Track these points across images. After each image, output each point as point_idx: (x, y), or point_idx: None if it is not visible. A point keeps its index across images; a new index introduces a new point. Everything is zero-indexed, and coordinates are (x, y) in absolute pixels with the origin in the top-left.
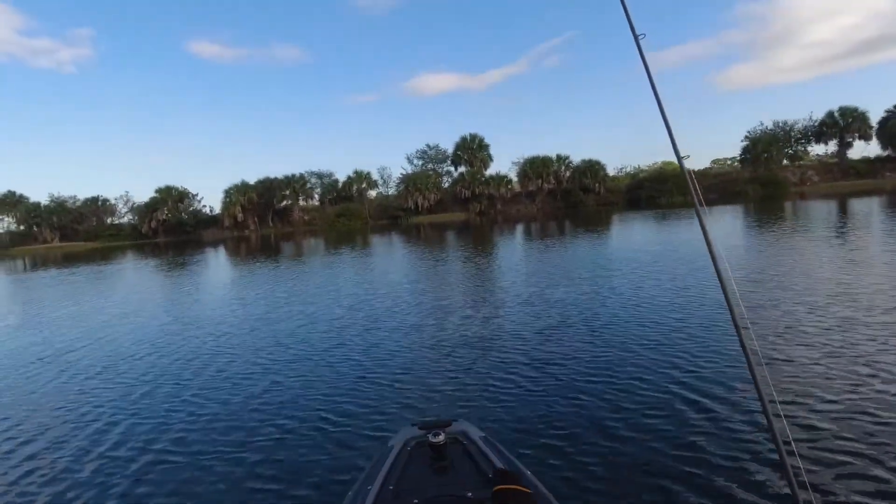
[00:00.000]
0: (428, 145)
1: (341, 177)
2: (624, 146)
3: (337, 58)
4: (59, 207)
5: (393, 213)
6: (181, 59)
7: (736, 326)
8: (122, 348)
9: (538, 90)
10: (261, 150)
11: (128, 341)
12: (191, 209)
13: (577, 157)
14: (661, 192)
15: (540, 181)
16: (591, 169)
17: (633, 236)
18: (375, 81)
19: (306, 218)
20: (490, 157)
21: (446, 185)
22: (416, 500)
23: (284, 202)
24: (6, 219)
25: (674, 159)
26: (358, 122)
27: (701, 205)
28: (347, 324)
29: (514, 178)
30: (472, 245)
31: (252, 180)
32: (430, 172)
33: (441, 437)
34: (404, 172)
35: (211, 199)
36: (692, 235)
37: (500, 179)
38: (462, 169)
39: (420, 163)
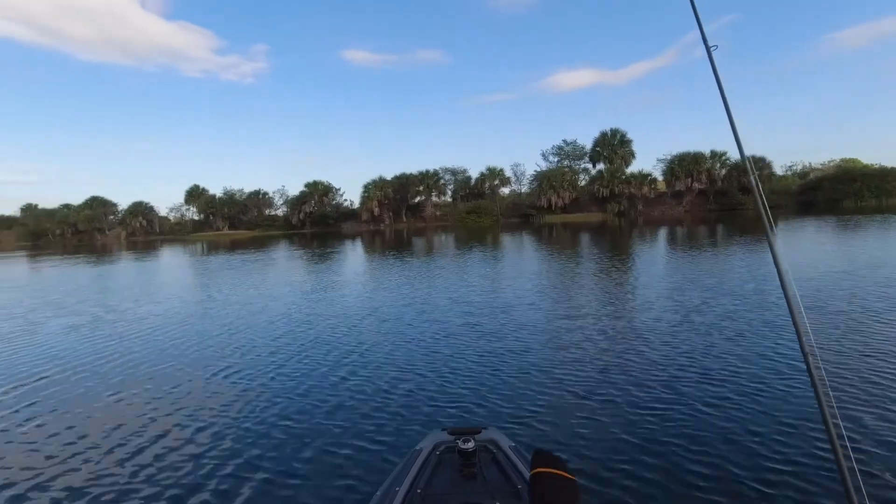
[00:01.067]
0: (565, 141)
1: (474, 173)
2: (789, 142)
3: (474, 58)
4: (229, 200)
5: (525, 212)
6: (336, 66)
7: None
8: (268, 324)
9: (687, 82)
10: (399, 148)
11: (275, 318)
12: (334, 202)
13: (734, 155)
14: (845, 193)
15: (689, 180)
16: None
17: (822, 249)
18: (511, 80)
19: (438, 214)
20: (632, 154)
21: (582, 183)
22: None
23: (418, 198)
24: (191, 208)
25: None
26: (492, 121)
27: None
28: (477, 321)
29: (659, 177)
30: (609, 249)
31: (389, 176)
32: (566, 169)
33: (471, 444)
34: (538, 169)
35: (352, 194)
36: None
37: (643, 178)
38: (601, 166)
39: (556, 159)
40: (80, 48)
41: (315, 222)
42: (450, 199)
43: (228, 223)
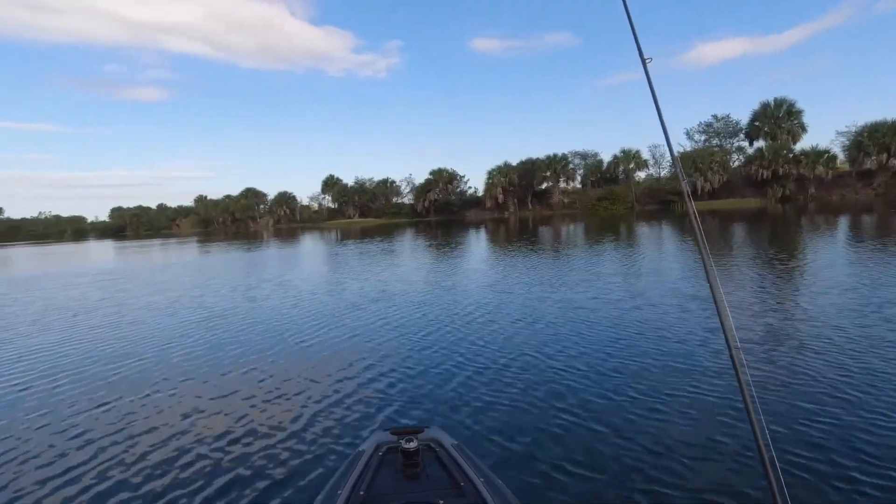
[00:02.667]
0: (715, 116)
1: (606, 157)
2: None
3: (604, 38)
4: (360, 188)
5: (664, 198)
6: (464, 55)
7: None
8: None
9: (868, 42)
10: (525, 134)
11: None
12: (458, 190)
13: None
14: None
15: (885, 156)
16: None
17: None
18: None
19: (566, 201)
20: (802, 128)
21: (735, 163)
22: None
23: (545, 184)
24: (327, 197)
25: None
26: (626, 101)
27: None
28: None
29: (840, 155)
30: (778, 244)
31: (515, 162)
32: (715, 149)
33: (413, 444)
34: (682, 150)
35: (476, 181)
36: None
37: (818, 155)
38: (759, 143)
39: (703, 138)
40: (243, 57)
41: (439, 210)
42: (579, 185)
43: (359, 211)
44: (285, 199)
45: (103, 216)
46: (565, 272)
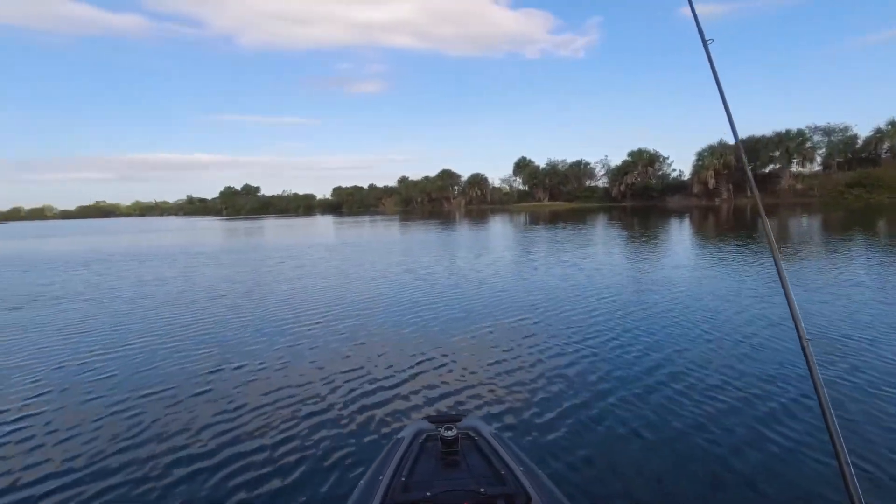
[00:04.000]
0: None
1: (863, 131)
2: None
3: None
4: (551, 170)
5: None
6: (670, 25)
7: None
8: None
9: None
10: (743, 107)
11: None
12: (659, 173)
13: None
14: None
15: None
16: None
17: None
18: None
19: (799, 187)
20: None
21: None
22: (427, 493)
23: (770, 166)
24: (517, 179)
25: None
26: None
27: None
28: None
29: None
30: None
31: (732, 140)
32: None
33: (452, 432)
34: None
35: (681, 164)
36: None
37: None
38: None
39: None
40: (447, 46)
41: (636, 195)
42: (818, 168)
43: (549, 194)
44: (477, 180)
45: (328, 194)
46: (821, 285)
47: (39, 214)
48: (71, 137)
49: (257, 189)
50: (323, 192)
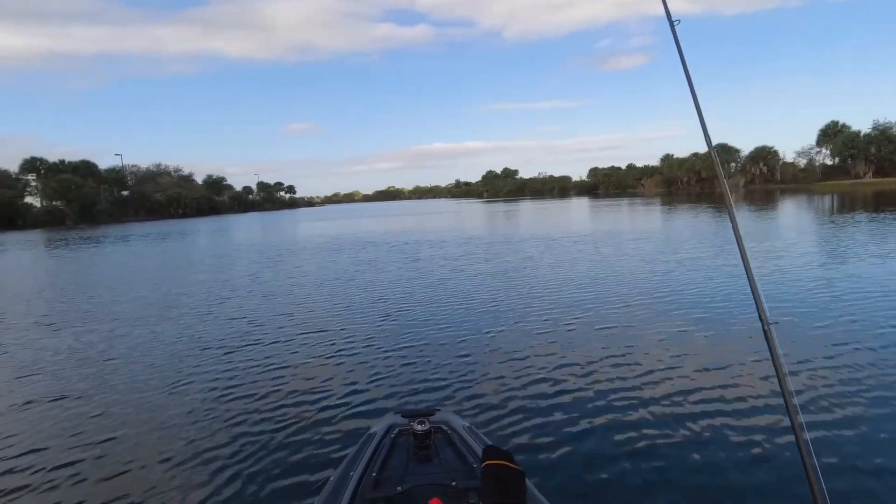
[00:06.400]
0: None
1: None
2: None
3: None
4: (879, 136)
5: None
6: None
7: None
8: None
9: None
10: None
11: None
12: None
13: None
14: None
15: None
16: None
17: None
18: None
19: None
20: None
21: None
22: (398, 488)
23: None
24: (823, 151)
25: None
26: None
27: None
28: None
29: None
30: None
31: None
32: None
33: (425, 426)
34: None
35: None
36: None
37: None
38: None
39: None
40: (725, 4)
41: None
42: None
43: (873, 168)
44: (763, 154)
45: (583, 175)
46: None
47: (350, 198)
48: (374, 136)
49: (515, 172)
50: (578, 173)
